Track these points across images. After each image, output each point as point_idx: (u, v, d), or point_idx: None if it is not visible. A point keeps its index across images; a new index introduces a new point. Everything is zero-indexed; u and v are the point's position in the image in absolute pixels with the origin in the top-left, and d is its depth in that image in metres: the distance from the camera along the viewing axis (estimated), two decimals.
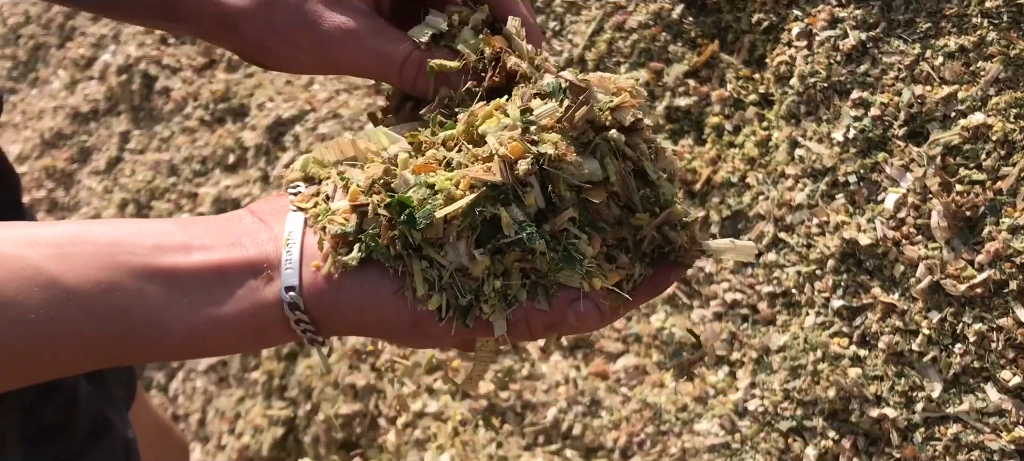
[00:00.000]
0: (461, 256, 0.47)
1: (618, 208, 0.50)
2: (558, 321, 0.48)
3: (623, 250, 0.51)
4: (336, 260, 0.47)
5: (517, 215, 0.47)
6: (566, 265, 0.47)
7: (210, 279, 0.46)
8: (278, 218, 0.49)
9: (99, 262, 0.44)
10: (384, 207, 0.47)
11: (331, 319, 0.47)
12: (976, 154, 1.00)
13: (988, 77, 1.02)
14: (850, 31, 1.13)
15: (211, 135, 1.82)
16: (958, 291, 0.97)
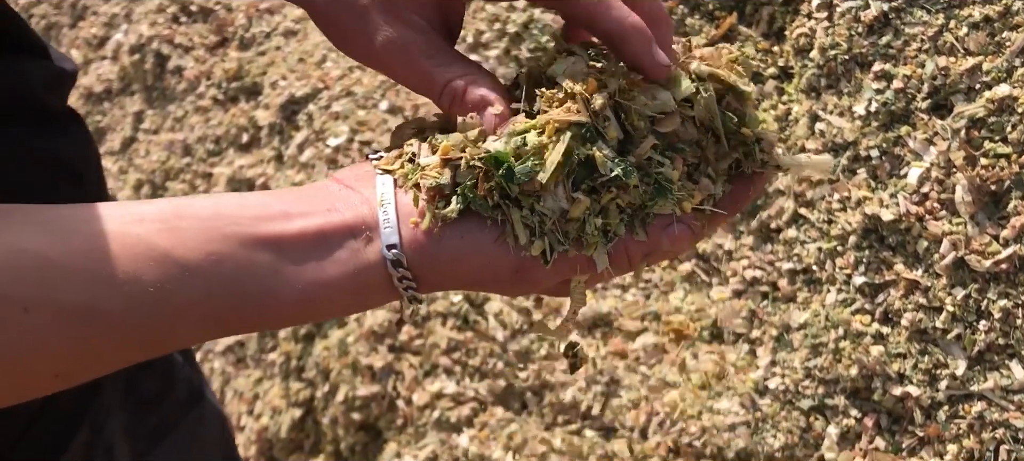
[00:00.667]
0: (560, 200, 0.48)
1: (694, 128, 0.51)
2: (654, 248, 0.50)
3: (700, 170, 0.52)
4: (434, 214, 0.48)
5: (607, 152, 0.48)
6: (658, 195, 0.49)
7: (313, 244, 0.47)
8: (365, 182, 0.50)
9: (207, 235, 0.45)
10: (479, 160, 0.48)
11: (432, 273, 0.49)
12: (1001, 127, 0.98)
13: (1014, 47, 1.00)
14: (872, 2, 1.11)
15: (225, 114, 1.82)
16: (983, 267, 0.96)
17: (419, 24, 0.53)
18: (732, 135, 0.52)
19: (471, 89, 0.52)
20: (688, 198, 0.50)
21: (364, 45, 0.53)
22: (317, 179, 1.47)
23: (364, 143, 1.47)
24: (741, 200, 0.54)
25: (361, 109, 1.54)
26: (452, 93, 0.52)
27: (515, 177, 0.47)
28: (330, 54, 1.72)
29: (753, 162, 0.53)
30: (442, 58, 0.52)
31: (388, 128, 1.50)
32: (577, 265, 0.49)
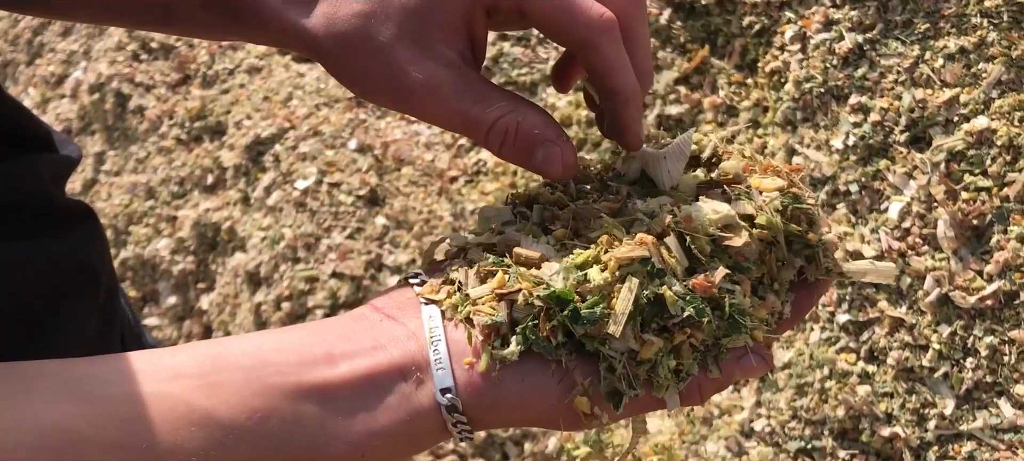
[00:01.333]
0: (630, 342, 0.44)
1: (758, 243, 0.48)
2: (727, 382, 0.47)
3: (764, 285, 0.49)
4: (492, 355, 0.44)
5: (679, 290, 0.45)
6: (732, 330, 0.45)
7: (362, 390, 0.43)
8: (409, 313, 0.46)
9: (251, 389, 0.41)
10: (539, 297, 0.44)
11: (489, 416, 0.45)
12: (981, 159, 0.97)
13: (990, 79, 0.99)
14: (846, 33, 1.10)
15: (188, 155, 1.77)
16: (968, 303, 0.94)
17: (449, 57, 0.48)
18: (796, 240, 0.49)
19: (523, 126, 0.48)
20: (759, 326, 0.46)
21: (389, 88, 0.48)
22: (286, 223, 1.43)
23: (333, 185, 1.44)
24: (805, 309, 0.50)
25: (329, 149, 1.51)
26: (502, 133, 0.47)
27: (581, 319, 0.43)
28: (296, 92, 1.68)
29: (817, 269, 0.50)
30: (479, 93, 0.48)
31: (358, 167, 1.47)
32: (646, 406, 0.46)
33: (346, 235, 1.37)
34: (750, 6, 1.21)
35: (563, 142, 0.48)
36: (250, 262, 1.44)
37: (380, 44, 0.47)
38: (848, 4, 1.11)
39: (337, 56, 0.48)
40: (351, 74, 0.48)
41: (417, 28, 0.47)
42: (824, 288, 0.51)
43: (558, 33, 0.48)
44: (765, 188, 0.49)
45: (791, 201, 0.49)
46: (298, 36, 0.49)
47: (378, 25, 0.47)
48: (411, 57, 0.47)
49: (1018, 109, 0.96)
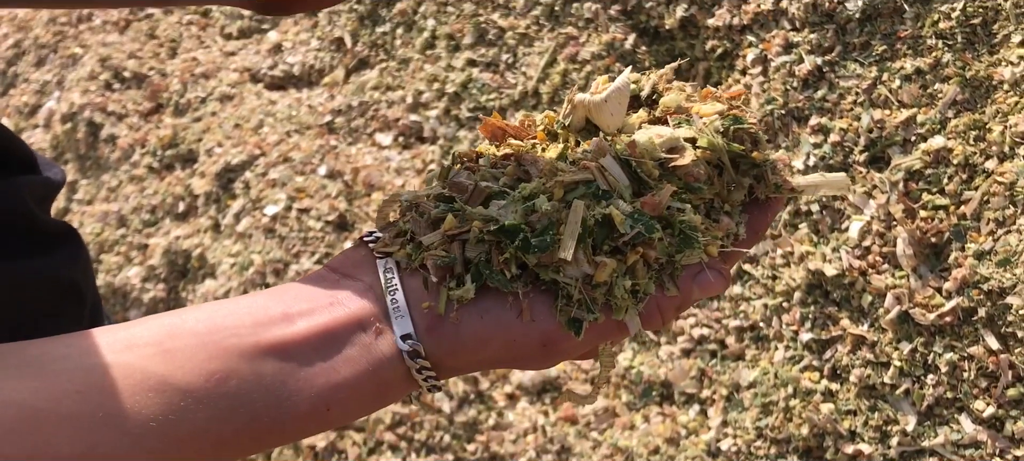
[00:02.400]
0: (583, 266, 0.44)
1: (704, 166, 0.48)
2: (686, 300, 0.47)
3: (716, 208, 0.49)
4: (449, 296, 0.44)
5: (626, 208, 0.45)
6: (685, 246, 0.46)
7: (321, 345, 0.43)
8: (365, 268, 0.46)
9: (207, 352, 0.41)
10: (489, 233, 0.44)
11: (452, 359, 0.45)
12: (938, 178, 0.99)
13: (946, 99, 1.00)
14: (805, 56, 1.11)
15: (160, 183, 1.77)
16: (927, 320, 0.95)
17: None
18: (741, 160, 0.50)
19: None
20: (713, 242, 0.47)
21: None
22: (255, 249, 1.43)
23: (302, 211, 1.44)
24: (760, 229, 0.51)
25: (299, 175, 1.51)
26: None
27: (532, 248, 0.44)
28: (267, 119, 1.69)
29: (766, 187, 0.50)
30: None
31: (327, 193, 1.47)
32: (609, 331, 0.46)
33: (315, 261, 1.37)
34: (713, 30, 1.22)
35: None
36: (220, 289, 1.44)
37: None
38: (807, 27, 1.12)
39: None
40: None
41: None
42: (776, 206, 0.51)
43: None
44: (705, 113, 0.50)
45: (732, 122, 0.50)
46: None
47: None
48: None
49: (973, 128, 0.98)
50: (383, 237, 0.48)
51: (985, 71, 0.99)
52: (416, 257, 0.45)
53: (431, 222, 0.46)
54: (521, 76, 1.40)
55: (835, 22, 1.11)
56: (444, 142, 1.49)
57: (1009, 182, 0.93)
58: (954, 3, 1.02)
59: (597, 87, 0.52)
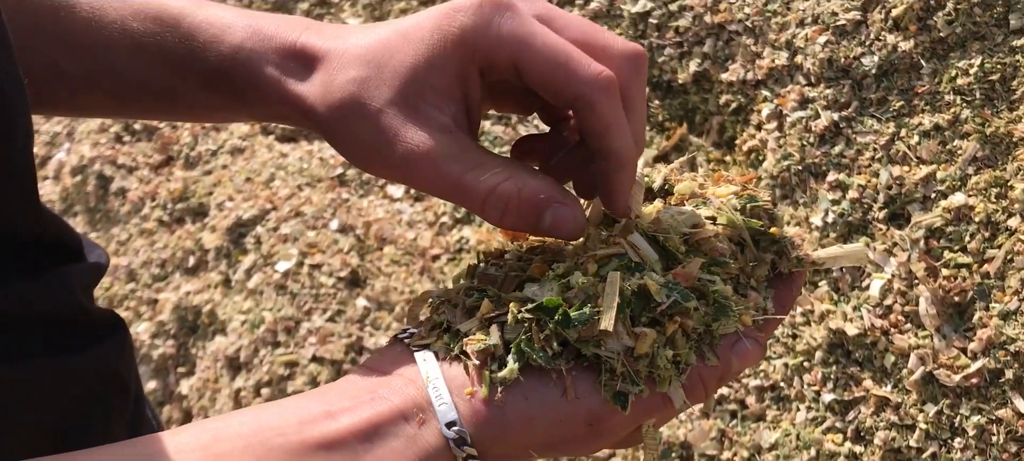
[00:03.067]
0: (624, 339, 0.45)
1: (726, 241, 0.49)
2: (726, 370, 0.47)
3: (742, 284, 0.50)
4: (492, 379, 0.44)
5: (659, 279, 0.46)
6: (721, 314, 0.46)
7: (365, 438, 0.42)
8: (403, 363, 0.45)
9: (254, 453, 0.40)
10: (528, 311, 0.44)
11: (499, 444, 0.44)
12: (960, 236, 0.97)
13: (966, 156, 0.99)
14: (822, 111, 1.11)
15: (170, 236, 1.76)
16: (953, 382, 0.94)
17: (442, 122, 0.46)
18: (761, 237, 0.51)
19: (525, 192, 0.46)
20: (746, 311, 0.47)
21: (381, 154, 0.46)
22: (266, 306, 1.42)
23: (314, 267, 1.43)
24: (787, 302, 0.51)
25: (311, 230, 1.50)
26: (502, 201, 0.46)
27: (572, 323, 0.44)
28: (278, 173, 1.68)
29: (788, 261, 0.51)
30: (474, 159, 0.46)
31: (339, 248, 1.46)
32: (654, 406, 0.45)
33: (327, 318, 1.36)
34: (726, 85, 1.22)
35: (571, 201, 0.47)
36: (230, 347, 1.42)
37: (372, 109, 0.46)
38: (823, 82, 1.12)
39: (332, 124, 0.47)
40: (345, 142, 0.48)
41: (410, 92, 0.46)
42: (800, 279, 0.52)
43: (554, 89, 0.46)
44: (720, 195, 0.51)
45: (748, 201, 0.51)
46: (296, 106, 0.49)
47: (372, 90, 0.46)
48: (402, 122, 0.46)
49: (994, 185, 0.97)
50: (418, 332, 0.48)
51: (1005, 128, 0.98)
52: (454, 345, 0.45)
53: (466, 311, 0.47)
54: (533, 129, 1.39)
55: (851, 77, 1.10)
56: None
57: None
58: (971, 59, 1.02)
59: None
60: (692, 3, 1.26)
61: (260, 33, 0.50)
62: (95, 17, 0.51)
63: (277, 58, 0.49)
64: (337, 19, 1.77)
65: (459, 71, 0.47)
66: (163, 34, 0.51)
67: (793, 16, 1.17)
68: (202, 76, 0.50)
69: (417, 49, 0.46)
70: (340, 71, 0.48)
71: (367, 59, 0.47)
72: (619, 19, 1.32)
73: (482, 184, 0.45)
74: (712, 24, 1.23)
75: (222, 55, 0.50)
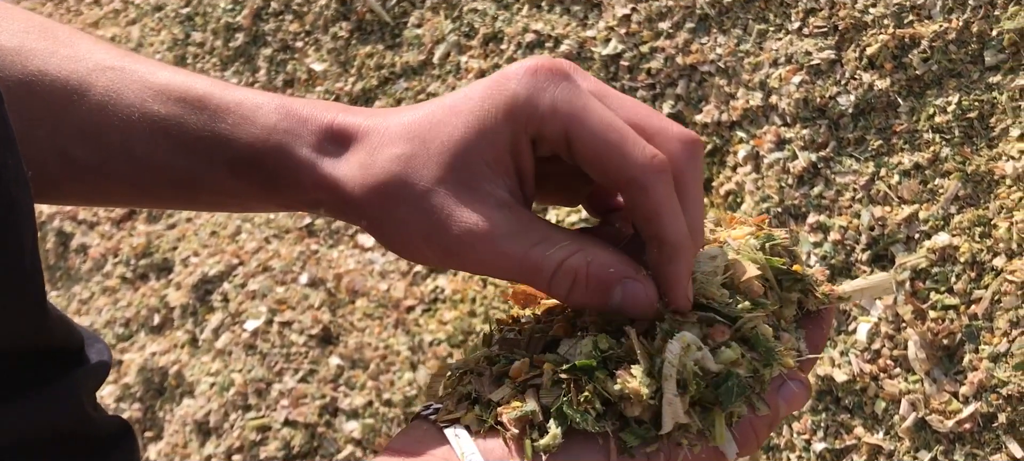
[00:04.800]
0: (681, 418, 0.42)
1: (762, 285, 0.47)
2: (775, 417, 0.45)
3: (777, 326, 0.48)
4: (534, 447, 0.41)
5: (698, 333, 0.43)
6: (770, 358, 0.44)
7: None
8: (431, 442, 0.42)
9: None
10: (565, 372, 0.41)
11: None
12: (946, 277, 0.96)
13: (947, 195, 0.98)
14: (799, 152, 1.09)
15: (134, 294, 1.71)
16: (946, 427, 0.92)
17: (500, 197, 0.43)
18: (784, 276, 0.48)
19: (594, 267, 0.42)
20: (788, 352, 0.45)
21: (434, 239, 0.43)
22: (235, 367, 1.37)
23: (284, 324, 1.39)
24: (820, 341, 0.49)
25: (280, 285, 1.46)
26: (571, 276, 0.42)
27: (615, 379, 0.41)
28: (244, 225, 1.64)
29: (815, 299, 0.49)
30: (538, 234, 0.43)
31: (309, 304, 1.42)
32: (704, 457, 0.43)
33: (299, 378, 1.32)
34: (701, 126, 1.20)
35: (643, 277, 0.43)
36: (199, 410, 1.37)
37: (421, 190, 0.42)
38: (799, 123, 1.10)
39: (374, 210, 0.44)
40: (389, 229, 0.44)
41: (460, 167, 0.43)
42: (829, 316, 0.50)
43: (606, 169, 0.43)
44: (737, 237, 0.50)
45: (766, 239, 0.49)
46: (333, 191, 0.45)
47: (418, 168, 0.43)
48: (455, 201, 0.42)
49: (978, 225, 0.95)
50: (443, 406, 0.44)
51: (986, 166, 0.97)
52: (487, 416, 0.42)
53: (494, 378, 0.44)
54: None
55: (827, 117, 1.09)
56: None
57: (1020, 281, 0.90)
58: (949, 97, 1.01)
59: None
60: (663, 45, 1.24)
61: (294, 114, 0.46)
62: (111, 99, 0.47)
63: (313, 139, 0.45)
64: (301, 64, 1.74)
65: (511, 141, 0.43)
66: (186, 116, 0.46)
67: (766, 56, 1.15)
68: (230, 161, 0.46)
69: (466, 121, 0.43)
70: (381, 150, 0.44)
71: (411, 135, 0.44)
72: (590, 61, 1.30)
73: (548, 260, 0.42)
74: (684, 66, 1.22)
75: (253, 137, 0.46)
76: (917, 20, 1.04)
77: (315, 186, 0.45)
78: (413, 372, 1.31)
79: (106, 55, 0.48)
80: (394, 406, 1.27)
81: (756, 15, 1.18)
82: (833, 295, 0.50)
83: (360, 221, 0.45)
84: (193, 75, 0.48)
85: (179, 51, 1.94)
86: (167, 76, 0.48)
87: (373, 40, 1.64)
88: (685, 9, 1.24)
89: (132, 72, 0.48)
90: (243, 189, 0.47)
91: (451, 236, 0.42)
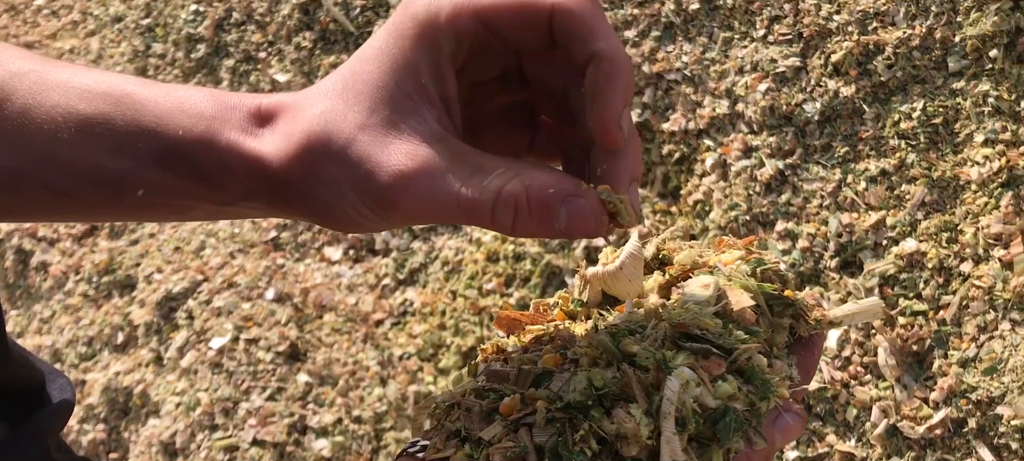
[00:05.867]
0: (679, 456, 0.41)
1: (754, 313, 0.46)
2: (771, 450, 0.44)
3: (769, 353, 0.47)
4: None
5: (690, 374, 0.42)
6: (767, 391, 0.43)
7: None
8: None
9: None
10: (559, 410, 0.40)
11: None
12: (914, 283, 0.96)
13: (914, 201, 0.98)
14: (766, 160, 1.09)
15: (97, 312, 1.68)
16: (917, 433, 0.92)
17: (427, 131, 0.40)
18: (775, 301, 0.47)
19: (534, 190, 0.39)
20: (782, 383, 0.44)
21: (365, 193, 0.40)
22: (201, 386, 1.35)
23: (251, 341, 1.37)
24: (811, 367, 0.49)
25: (246, 301, 1.44)
26: (511, 205, 0.39)
27: (612, 417, 0.40)
28: (208, 240, 1.62)
29: (806, 324, 0.48)
30: (469, 166, 0.40)
31: (276, 320, 1.40)
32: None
33: (266, 397, 1.29)
34: (668, 135, 1.20)
35: (586, 192, 0.40)
36: (165, 431, 1.35)
37: (343, 141, 0.40)
38: (765, 130, 1.10)
39: (303, 181, 0.41)
40: (323, 196, 0.41)
41: (380, 107, 0.40)
42: (820, 341, 0.49)
43: (527, 16, 0.40)
44: (727, 261, 0.49)
45: (757, 264, 0.48)
46: (261, 171, 0.42)
47: (337, 121, 0.40)
48: (381, 145, 0.40)
49: (944, 230, 0.96)
50: (432, 443, 0.43)
51: (951, 171, 0.97)
52: (478, 455, 0.41)
53: (485, 414, 0.42)
54: None
55: (794, 124, 1.09)
56: (397, 255, 1.44)
57: (987, 286, 0.91)
58: (914, 103, 1.01)
59: (607, 258, 0.50)
60: (629, 53, 1.24)
61: (222, 101, 0.44)
62: (34, 103, 0.45)
63: (240, 123, 0.43)
64: (264, 75, 1.72)
65: (430, 65, 0.41)
66: (112, 112, 0.44)
67: (732, 64, 1.15)
68: (157, 154, 0.44)
69: (380, 61, 0.41)
70: (300, 115, 0.42)
71: (328, 92, 0.42)
72: None
73: (486, 191, 0.39)
74: (651, 74, 1.22)
75: (181, 127, 0.44)
76: (881, 27, 1.05)
77: (244, 170, 0.43)
78: (383, 387, 1.29)
79: (28, 61, 0.46)
80: (364, 423, 1.26)
81: (721, 23, 1.18)
82: (825, 320, 0.49)
83: (294, 202, 0.42)
84: (121, 75, 0.46)
85: (140, 63, 1.91)
86: (92, 76, 0.46)
87: (337, 50, 1.62)
88: (650, 17, 1.23)
89: (55, 74, 0.45)
90: (173, 184, 0.44)
91: (383, 184, 0.39)
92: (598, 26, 0.41)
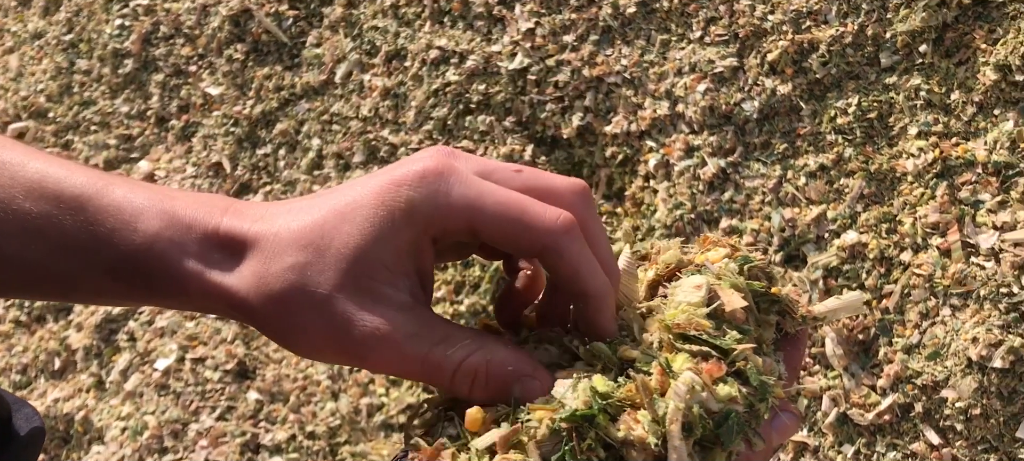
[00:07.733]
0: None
1: (744, 312, 0.47)
2: (769, 450, 0.45)
3: (758, 349, 0.48)
4: None
5: (695, 379, 0.43)
6: (765, 392, 0.44)
7: None
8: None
9: None
10: (563, 420, 0.41)
11: None
12: (857, 273, 0.99)
13: (853, 194, 1.01)
14: (708, 159, 1.11)
15: (30, 338, 1.63)
16: (866, 420, 0.95)
17: (399, 299, 0.44)
18: (762, 299, 0.49)
19: (493, 365, 0.44)
20: (777, 383, 0.45)
21: (335, 343, 0.43)
22: (147, 410, 1.32)
23: (197, 361, 1.34)
24: (798, 364, 0.50)
25: (189, 320, 1.41)
26: (470, 375, 0.43)
27: (617, 424, 0.41)
28: None
29: (793, 321, 0.50)
30: (438, 334, 0.44)
31: (222, 338, 1.38)
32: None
33: (216, 416, 1.27)
34: (611, 137, 1.21)
35: (540, 373, 0.44)
36: (111, 457, 1.32)
37: (320, 297, 0.43)
38: (706, 130, 1.13)
39: (273, 317, 0.44)
40: (291, 334, 0.44)
41: (360, 272, 0.43)
42: (805, 338, 0.51)
43: (518, 243, 0.44)
44: (714, 259, 0.49)
45: (743, 262, 0.49)
46: (225, 299, 0.44)
47: (316, 276, 0.43)
48: (357, 306, 0.43)
49: (884, 221, 0.99)
50: (424, 449, 0.43)
51: (887, 164, 1.00)
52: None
53: (482, 424, 0.43)
54: None
55: (733, 123, 1.11)
56: None
57: (927, 274, 0.94)
58: (849, 99, 1.04)
59: None
60: (569, 58, 1.25)
61: (177, 221, 0.45)
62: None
63: (198, 248, 0.45)
64: (196, 89, 1.68)
65: (411, 245, 0.44)
66: (62, 217, 0.45)
67: (670, 65, 1.17)
68: (109, 264, 0.45)
69: (362, 227, 0.43)
70: (274, 259, 0.44)
71: (305, 242, 0.44)
72: (497, 76, 1.29)
73: (449, 360, 0.43)
74: (591, 78, 1.23)
75: (134, 245, 0.44)
76: (814, 25, 1.07)
77: (204, 295, 0.45)
78: (335, 401, 1.28)
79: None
80: (318, 438, 1.25)
81: (658, 25, 1.20)
82: (810, 316, 0.51)
83: (256, 324, 0.45)
84: (67, 165, 0.46)
85: (64, 80, 1.85)
86: (39, 169, 0.46)
87: (271, 61, 1.60)
88: (588, 22, 1.25)
89: (1, 166, 0.45)
90: (124, 291, 0.46)
91: (354, 339, 0.43)
92: (583, 267, 0.44)
